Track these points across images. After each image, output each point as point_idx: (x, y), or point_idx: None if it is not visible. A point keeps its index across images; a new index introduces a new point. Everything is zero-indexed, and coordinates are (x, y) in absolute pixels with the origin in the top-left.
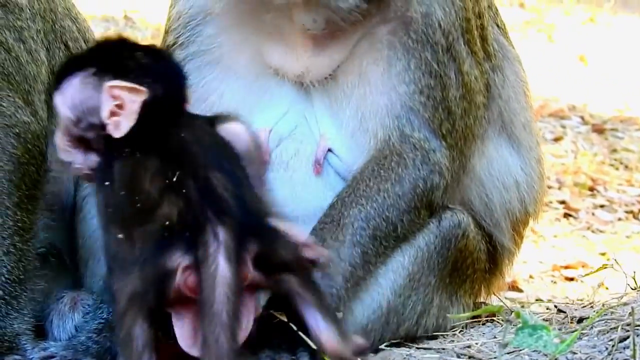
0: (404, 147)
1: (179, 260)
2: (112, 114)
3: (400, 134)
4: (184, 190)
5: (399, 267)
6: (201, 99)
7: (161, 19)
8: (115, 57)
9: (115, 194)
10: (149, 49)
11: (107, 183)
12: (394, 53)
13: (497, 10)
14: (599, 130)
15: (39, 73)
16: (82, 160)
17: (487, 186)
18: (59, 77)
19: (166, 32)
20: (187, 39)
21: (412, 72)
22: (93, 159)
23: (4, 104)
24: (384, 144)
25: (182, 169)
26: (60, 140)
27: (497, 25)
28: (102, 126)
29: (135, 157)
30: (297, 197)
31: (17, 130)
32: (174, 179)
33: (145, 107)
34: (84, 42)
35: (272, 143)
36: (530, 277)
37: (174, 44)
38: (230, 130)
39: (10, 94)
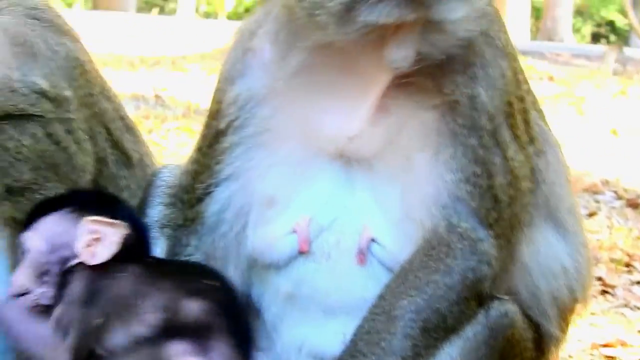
0: (452, 237)
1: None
2: (88, 245)
3: (447, 224)
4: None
5: (447, 358)
6: (245, 185)
7: (190, 97)
8: (91, 199)
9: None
10: (115, 196)
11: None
12: (442, 140)
13: (535, 97)
14: (633, 204)
15: (86, 163)
16: (40, 293)
17: (534, 274)
18: (30, 218)
19: (213, 118)
20: (243, 122)
21: (458, 160)
22: (50, 292)
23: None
24: (432, 234)
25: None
26: (21, 274)
27: (537, 111)
28: (70, 258)
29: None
30: (340, 288)
31: None
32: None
33: (124, 241)
34: (121, 120)
35: (313, 233)
36: (570, 356)
37: (227, 128)
38: None
39: (57, 185)
